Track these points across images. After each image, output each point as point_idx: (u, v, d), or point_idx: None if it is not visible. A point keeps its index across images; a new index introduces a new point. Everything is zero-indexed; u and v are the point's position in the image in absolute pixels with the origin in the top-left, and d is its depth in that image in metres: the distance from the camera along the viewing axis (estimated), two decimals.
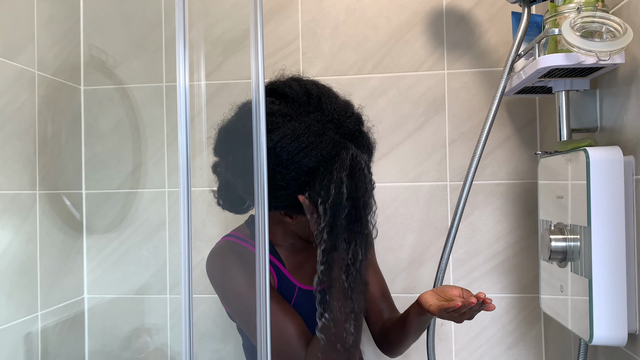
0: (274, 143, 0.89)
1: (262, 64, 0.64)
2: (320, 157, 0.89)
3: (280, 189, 0.92)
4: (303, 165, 0.89)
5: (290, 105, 0.94)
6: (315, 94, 0.96)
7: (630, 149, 0.93)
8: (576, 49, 0.89)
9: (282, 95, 0.96)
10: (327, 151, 0.90)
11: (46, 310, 1.44)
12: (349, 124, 0.95)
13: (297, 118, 0.92)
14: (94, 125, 1.63)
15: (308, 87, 0.97)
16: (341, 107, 0.96)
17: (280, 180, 0.91)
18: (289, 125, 0.91)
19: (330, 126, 0.93)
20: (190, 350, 0.60)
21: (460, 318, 1.00)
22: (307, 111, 0.94)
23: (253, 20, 0.64)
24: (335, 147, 0.91)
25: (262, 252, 0.63)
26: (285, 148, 0.89)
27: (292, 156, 0.89)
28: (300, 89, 0.96)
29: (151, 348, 1.61)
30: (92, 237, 1.63)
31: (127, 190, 1.62)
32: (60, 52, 1.54)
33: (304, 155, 0.89)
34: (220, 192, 1.05)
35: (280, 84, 0.98)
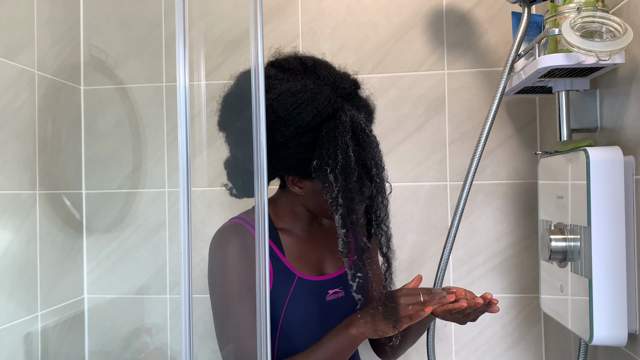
0: (271, 101, 0.91)
1: (262, 64, 0.64)
2: (316, 112, 0.91)
3: (282, 148, 0.92)
4: (300, 120, 0.90)
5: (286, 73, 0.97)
6: (311, 64, 0.99)
7: (630, 149, 0.93)
8: (576, 49, 0.89)
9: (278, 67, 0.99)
10: (323, 107, 0.91)
11: (46, 310, 1.44)
12: (345, 85, 0.97)
13: (293, 79, 0.95)
14: (94, 125, 1.63)
15: (304, 60, 0.99)
16: (337, 73, 0.99)
17: (279, 138, 0.91)
18: (285, 85, 0.93)
19: (327, 87, 0.95)
20: (190, 350, 0.60)
21: (464, 319, 1.00)
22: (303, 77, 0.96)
23: (253, 20, 0.64)
24: (331, 104, 0.92)
25: (262, 254, 0.63)
26: (282, 104, 0.90)
27: (289, 112, 0.90)
28: (296, 60, 0.99)
29: (151, 348, 1.61)
30: (92, 237, 1.63)
31: (127, 190, 1.62)
32: (60, 52, 1.54)
33: (301, 110, 0.90)
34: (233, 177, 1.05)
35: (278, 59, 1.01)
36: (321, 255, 1.08)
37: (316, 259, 1.06)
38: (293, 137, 0.91)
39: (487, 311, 0.98)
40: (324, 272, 1.07)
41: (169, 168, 1.60)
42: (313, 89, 0.93)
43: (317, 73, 0.97)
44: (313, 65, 0.99)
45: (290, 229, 1.06)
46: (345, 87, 0.97)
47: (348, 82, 0.98)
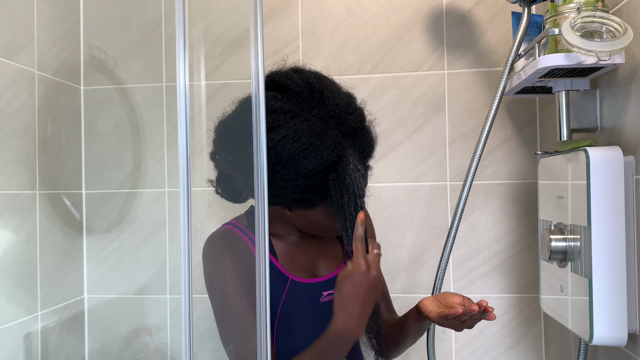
0: (275, 142, 0.89)
1: (262, 64, 0.64)
2: (320, 159, 0.89)
3: (279, 188, 0.92)
4: (302, 167, 0.89)
5: (292, 100, 0.94)
6: (318, 87, 0.95)
7: (630, 149, 0.93)
8: (576, 49, 0.89)
9: (283, 89, 0.95)
10: (327, 153, 0.90)
11: (46, 310, 1.44)
12: (351, 121, 0.94)
13: (299, 115, 0.92)
14: (94, 125, 1.63)
15: (310, 80, 0.96)
16: (343, 103, 0.95)
17: (278, 180, 0.91)
18: (290, 123, 0.90)
19: (332, 123, 0.93)
20: (190, 350, 0.60)
21: (461, 326, 0.99)
22: (309, 106, 0.93)
23: (253, 20, 0.64)
24: (336, 150, 0.91)
25: (262, 252, 0.63)
26: (286, 148, 0.88)
27: (293, 156, 0.89)
28: (303, 82, 0.95)
29: (151, 348, 1.61)
30: (92, 237, 1.63)
31: (127, 190, 1.62)
32: (60, 52, 1.54)
33: (304, 156, 0.89)
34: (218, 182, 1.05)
35: (282, 76, 0.97)
36: (314, 258, 1.07)
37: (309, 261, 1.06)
38: (293, 180, 0.91)
39: (484, 318, 0.98)
40: (318, 275, 1.06)
41: (169, 168, 1.60)
42: (319, 132, 0.90)
43: (324, 102, 0.94)
44: (320, 89, 0.95)
45: (282, 234, 1.06)
46: (351, 124, 0.95)
47: (354, 118, 0.95)
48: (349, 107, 0.95)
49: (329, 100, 0.94)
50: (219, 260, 0.99)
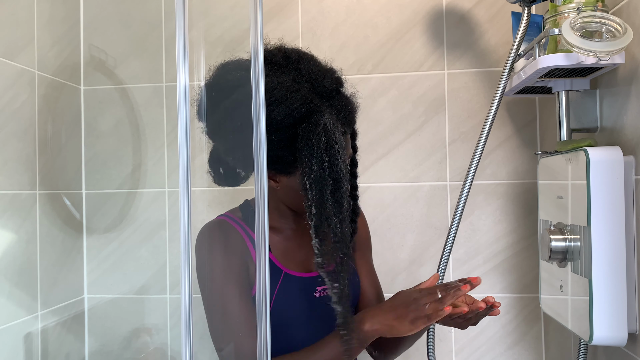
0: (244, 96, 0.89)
1: (262, 64, 0.64)
2: (288, 111, 0.89)
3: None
4: (271, 118, 0.89)
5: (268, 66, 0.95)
6: (295, 58, 0.96)
7: (630, 149, 0.93)
8: (576, 49, 0.89)
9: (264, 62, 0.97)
10: (296, 106, 0.90)
11: (46, 310, 1.44)
12: (326, 83, 0.95)
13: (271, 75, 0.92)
14: (94, 125, 1.63)
15: (288, 53, 0.97)
16: (319, 69, 0.96)
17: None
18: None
19: (306, 85, 0.93)
20: (190, 350, 0.60)
21: (465, 324, 0.98)
22: (283, 72, 0.94)
23: (253, 20, 0.64)
24: (306, 104, 0.90)
25: (262, 252, 0.63)
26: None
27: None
28: (280, 54, 0.97)
29: (151, 348, 1.61)
30: (92, 237, 1.63)
31: (127, 190, 1.62)
32: (60, 52, 1.54)
33: (273, 108, 0.89)
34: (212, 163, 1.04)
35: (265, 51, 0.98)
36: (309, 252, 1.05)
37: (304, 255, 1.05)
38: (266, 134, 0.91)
39: (489, 314, 0.97)
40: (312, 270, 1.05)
41: (169, 168, 1.60)
42: (289, 87, 0.91)
43: (299, 69, 0.95)
44: (297, 59, 0.96)
45: (277, 226, 1.05)
46: (326, 85, 0.95)
47: (330, 80, 0.96)
48: (325, 73, 0.96)
49: (305, 67, 0.95)
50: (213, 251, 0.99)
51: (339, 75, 0.99)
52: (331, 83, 0.96)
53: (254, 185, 0.66)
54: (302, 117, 0.90)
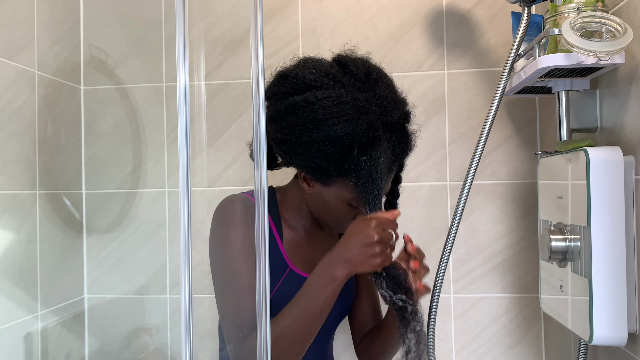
0: (316, 99, 0.90)
1: (262, 64, 0.64)
2: (351, 130, 0.89)
3: (304, 147, 0.92)
4: (332, 131, 0.89)
5: (346, 76, 0.95)
6: (375, 76, 0.96)
7: (630, 149, 0.93)
8: (576, 49, 0.89)
9: (342, 65, 0.97)
10: (361, 129, 0.90)
11: (46, 310, 1.44)
12: (395, 115, 0.95)
13: (348, 88, 0.93)
14: (94, 125, 1.63)
15: (370, 69, 0.97)
16: (394, 97, 0.96)
17: (306, 137, 0.90)
18: (336, 89, 0.91)
19: (376, 109, 0.93)
20: (190, 350, 0.60)
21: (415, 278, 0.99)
22: (360, 88, 0.94)
23: (253, 20, 0.64)
24: (369, 131, 0.90)
25: (262, 252, 0.63)
26: (324, 108, 0.89)
27: (328, 118, 0.89)
28: (363, 67, 0.97)
29: (151, 348, 1.61)
30: (92, 237, 1.63)
31: (127, 190, 1.62)
32: (60, 52, 1.54)
33: (338, 122, 0.89)
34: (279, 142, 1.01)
35: (347, 57, 0.99)
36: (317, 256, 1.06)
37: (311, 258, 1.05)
38: (319, 142, 0.90)
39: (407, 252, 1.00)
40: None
41: (169, 168, 1.60)
42: (361, 107, 0.91)
43: (376, 89, 0.95)
44: (376, 79, 0.96)
45: (293, 222, 1.06)
46: (394, 117, 0.95)
47: (399, 113, 0.96)
48: (397, 103, 0.96)
49: (381, 90, 0.95)
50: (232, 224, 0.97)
51: (409, 110, 0.99)
52: (400, 117, 0.96)
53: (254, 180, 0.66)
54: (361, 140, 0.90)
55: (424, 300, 1.14)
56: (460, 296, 1.50)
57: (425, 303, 1.17)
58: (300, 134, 0.91)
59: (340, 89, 0.92)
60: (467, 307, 1.50)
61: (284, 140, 0.94)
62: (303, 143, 0.91)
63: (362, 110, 0.90)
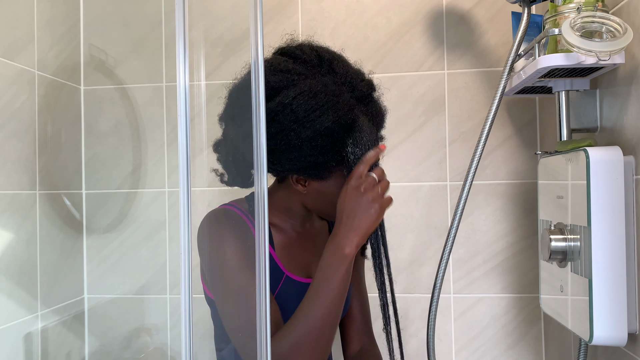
0: (291, 99, 0.88)
1: (262, 64, 0.64)
2: (336, 117, 0.88)
3: (295, 149, 0.90)
4: (318, 124, 0.88)
5: (303, 65, 0.94)
6: (327, 57, 0.95)
7: (630, 149, 0.93)
8: (576, 49, 0.89)
9: (293, 57, 0.96)
10: (343, 112, 0.89)
11: (46, 310, 1.44)
12: (363, 88, 0.94)
13: (313, 77, 0.91)
14: (94, 125, 1.63)
15: (319, 51, 0.96)
16: (353, 71, 0.96)
17: (295, 139, 0.89)
18: (305, 82, 0.90)
19: (345, 88, 0.92)
20: (190, 350, 0.60)
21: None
22: (320, 72, 0.93)
23: (253, 20, 0.64)
24: (351, 110, 0.90)
25: (262, 252, 0.63)
26: (302, 105, 0.87)
27: (309, 113, 0.87)
28: (312, 52, 0.96)
29: (151, 348, 1.61)
30: (92, 237, 1.63)
31: (127, 190, 1.62)
32: (60, 52, 1.54)
33: (321, 113, 0.87)
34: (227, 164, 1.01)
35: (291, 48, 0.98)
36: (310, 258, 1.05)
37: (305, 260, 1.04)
38: (309, 140, 0.89)
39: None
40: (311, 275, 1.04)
41: (169, 168, 1.60)
42: (334, 91, 0.90)
43: (334, 69, 0.94)
44: (329, 58, 0.95)
45: (282, 226, 1.03)
46: (362, 90, 0.94)
47: (364, 84, 0.95)
48: (358, 75, 0.96)
49: (339, 68, 0.94)
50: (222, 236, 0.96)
51: (370, 78, 0.98)
52: (367, 88, 0.95)
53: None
54: (347, 124, 0.90)
55: (424, 301, 1.15)
56: (460, 296, 1.50)
57: (425, 303, 1.17)
58: (287, 138, 0.89)
59: (306, 80, 0.90)
60: (467, 307, 1.50)
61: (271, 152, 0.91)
62: (293, 146, 0.89)
63: (336, 93, 0.90)
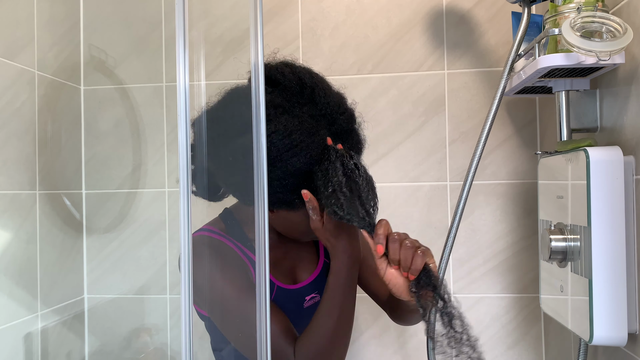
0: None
1: (262, 64, 0.64)
2: (309, 158, 0.86)
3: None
4: (290, 164, 0.86)
5: (282, 95, 0.91)
6: (309, 84, 0.92)
7: (630, 149, 0.93)
8: (576, 49, 0.89)
9: (273, 82, 0.93)
10: (316, 153, 0.87)
11: (46, 310, 1.44)
12: (342, 122, 0.92)
13: (290, 111, 0.89)
14: (94, 125, 1.63)
15: (301, 76, 0.93)
16: (335, 102, 0.92)
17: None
18: (281, 119, 0.87)
19: (323, 122, 0.90)
20: (190, 350, 0.60)
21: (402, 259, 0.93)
22: (299, 102, 0.90)
23: (253, 20, 0.64)
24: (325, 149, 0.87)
25: (262, 253, 0.63)
26: (275, 144, 0.85)
27: (281, 153, 0.85)
28: (294, 77, 0.92)
29: (151, 348, 1.61)
30: (92, 237, 1.63)
31: (127, 190, 1.62)
32: (60, 52, 1.54)
33: (293, 154, 0.85)
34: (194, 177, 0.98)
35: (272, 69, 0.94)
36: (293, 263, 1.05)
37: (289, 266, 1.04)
38: (279, 179, 0.87)
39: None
40: (298, 279, 1.04)
41: (169, 168, 1.60)
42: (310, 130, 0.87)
43: (315, 99, 0.91)
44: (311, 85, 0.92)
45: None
46: (342, 124, 0.92)
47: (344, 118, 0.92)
48: (339, 107, 0.93)
49: (320, 98, 0.91)
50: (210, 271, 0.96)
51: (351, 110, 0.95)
52: (347, 122, 0.93)
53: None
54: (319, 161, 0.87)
55: None
56: (460, 296, 1.50)
57: None
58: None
59: (283, 116, 0.87)
60: (467, 307, 1.50)
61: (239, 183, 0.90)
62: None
63: (312, 131, 0.87)
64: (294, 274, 1.05)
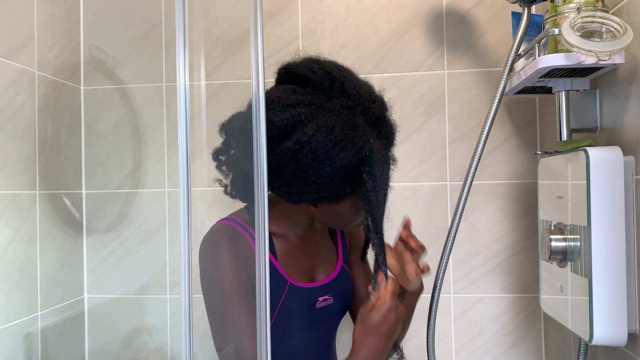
0: (308, 137, 0.86)
1: (262, 64, 0.64)
2: (355, 151, 0.87)
3: (313, 184, 0.89)
4: (339, 160, 0.87)
5: (314, 92, 0.91)
6: (339, 77, 0.92)
7: (630, 149, 0.93)
8: (576, 49, 0.89)
9: (302, 80, 0.93)
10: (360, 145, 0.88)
11: (46, 310, 1.44)
12: (375, 110, 0.92)
13: (324, 107, 0.89)
14: (94, 125, 1.63)
15: (330, 70, 0.93)
16: (365, 92, 0.93)
17: (313, 176, 0.88)
18: (319, 116, 0.88)
19: (358, 113, 0.91)
20: (190, 350, 0.60)
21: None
22: (330, 97, 0.91)
23: (253, 20, 0.64)
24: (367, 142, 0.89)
25: (262, 253, 0.63)
26: (321, 142, 0.86)
27: (328, 150, 0.86)
28: (323, 72, 0.92)
29: (151, 348, 1.61)
30: (92, 237, 1.63)
31: (127, 190, 1.62)
32: (60, 52, 1.54)
33: (339, 149, 0.86)
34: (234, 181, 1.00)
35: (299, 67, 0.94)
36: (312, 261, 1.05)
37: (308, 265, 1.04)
38: (328, 175, 0.88)
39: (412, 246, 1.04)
40: (315, 279, 1.04)
41: (169, 168, 1.60)
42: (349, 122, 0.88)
43: (346, 92, 0.91)
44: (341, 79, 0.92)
45: (284, 234, 1.02)
46: (375, 112, 0.93)
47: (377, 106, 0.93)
48: (370, 96, 0.93)
49: (351, 89, 0.92)
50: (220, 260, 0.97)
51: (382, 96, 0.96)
52: (380, 109, 0.93)
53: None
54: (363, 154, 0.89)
55: (424, 301, 1.15)
56: (460, 296, 1.50)
57: (425, 303, 1.17)
58: (306, 175, 0.88)
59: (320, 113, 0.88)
60: (467, 307, 1.50)
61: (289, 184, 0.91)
62: (311, 182, 0.89)
63: (351, 124, 0.88)
64: (311, 273, 1.05)
